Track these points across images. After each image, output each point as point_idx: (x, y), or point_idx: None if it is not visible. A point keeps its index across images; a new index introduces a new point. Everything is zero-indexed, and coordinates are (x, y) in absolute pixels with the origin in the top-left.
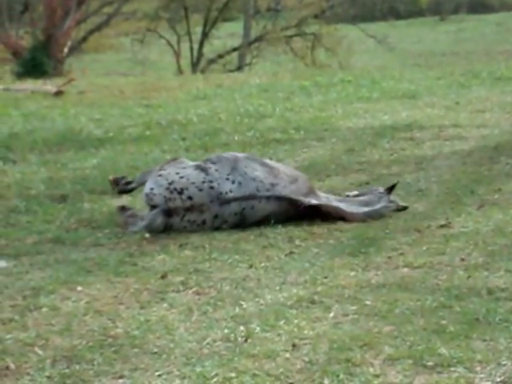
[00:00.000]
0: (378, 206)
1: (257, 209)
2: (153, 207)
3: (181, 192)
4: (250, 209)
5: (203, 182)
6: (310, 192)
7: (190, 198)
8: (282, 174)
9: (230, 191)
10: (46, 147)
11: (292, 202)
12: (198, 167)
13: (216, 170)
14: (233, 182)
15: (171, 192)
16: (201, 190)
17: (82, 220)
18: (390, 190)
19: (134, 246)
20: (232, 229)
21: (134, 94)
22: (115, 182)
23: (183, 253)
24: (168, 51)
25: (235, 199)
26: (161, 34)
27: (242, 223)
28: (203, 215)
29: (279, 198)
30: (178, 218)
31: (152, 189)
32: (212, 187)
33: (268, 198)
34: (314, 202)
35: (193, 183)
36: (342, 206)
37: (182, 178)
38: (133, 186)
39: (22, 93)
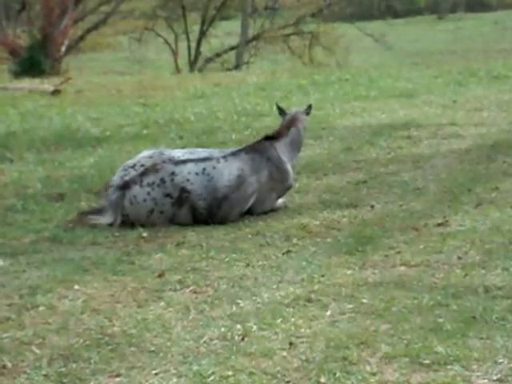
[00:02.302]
0: None
1: (220, 168)
2: None
3: (133, 166)
4: (213, 169)
5: (153, 152)
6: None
7: (142, 165)
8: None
9: (182, 155)
10: (44, 146)
11: (252, 149)
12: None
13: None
14: (184, 153)
15: (125, 169)
16: (151, 157)
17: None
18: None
19: (131, 245)
20: (228, 226)
21: (132, 93)
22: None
23: (180, 251)
24: (165, 50)
25: (190, 160)
26: (158, 33)
27: (213, 186)
28: (159, 174)
29: (235, 153)
30: (137, 186)
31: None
32: (162, 153)
33: (224, 157)
34: None
35: (143, 156)
36: None
37: (134, 158)
38: None
39: (19, 92)
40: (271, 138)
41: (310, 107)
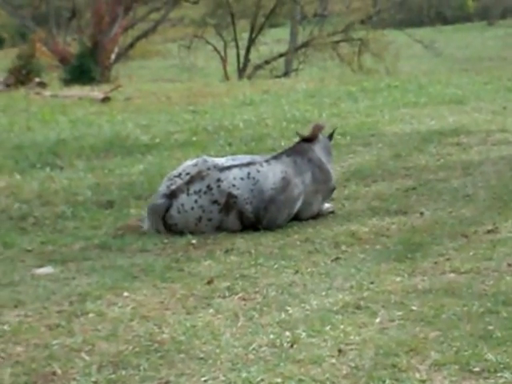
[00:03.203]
0: None
1: (264, 172)
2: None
3: (179, 175)
4: (257, 173)
5: (197, 160)
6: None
7: (187, 173)
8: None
9: (226, 162)
10: (93, 153)
11: (293, 152)
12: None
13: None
14: (226, 160)
15: (171, 179)
16: (195, 165)
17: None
18: None
19: (180, 252)
20: (277, 233)
21: (181, 100)
22: None
23: (229, 258)
24: (215, 57)
25: (234, 166)
26: (208, 40)
27: (258, 189)
28: (205, 181)
29: (277, 157)
30: (184, 194)
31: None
32: (206, 161)
33: (267, 161)
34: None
35: (187, 165)
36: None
37: (179, 167)
38: None
39: (69, 99)
40: (307, 140)
41: (333, 132)
